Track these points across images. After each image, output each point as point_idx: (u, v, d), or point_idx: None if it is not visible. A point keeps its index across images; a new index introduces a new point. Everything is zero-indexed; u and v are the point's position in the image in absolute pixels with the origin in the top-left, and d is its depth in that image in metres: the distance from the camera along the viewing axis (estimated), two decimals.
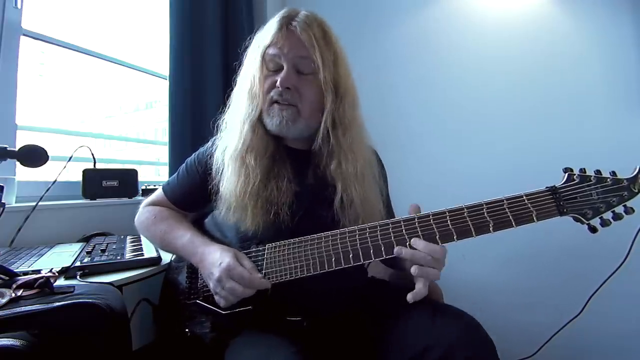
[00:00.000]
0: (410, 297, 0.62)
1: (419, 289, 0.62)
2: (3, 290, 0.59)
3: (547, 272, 1.42)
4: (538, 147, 1.44)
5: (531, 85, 1.46)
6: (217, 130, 0.84)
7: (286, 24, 0.74)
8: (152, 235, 0.86)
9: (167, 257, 0.89)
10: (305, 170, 0.78)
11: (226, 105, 0.84)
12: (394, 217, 0.88)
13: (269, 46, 0.74)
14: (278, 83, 0.72)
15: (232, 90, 0.84)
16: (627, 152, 1.27)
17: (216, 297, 0.69)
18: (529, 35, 1.46)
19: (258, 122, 0.76)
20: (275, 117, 0.74)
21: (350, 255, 0.65)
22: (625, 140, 1.31)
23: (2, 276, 0.63)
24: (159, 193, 0.91)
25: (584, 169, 0.62)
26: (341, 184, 0.75)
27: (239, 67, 0.83)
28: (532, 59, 1.45)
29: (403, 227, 0.64)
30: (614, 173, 0.61)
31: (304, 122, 0.75)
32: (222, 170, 0.78)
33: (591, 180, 0.61)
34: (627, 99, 1.32)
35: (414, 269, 0.61)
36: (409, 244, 0.63)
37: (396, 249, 0.63)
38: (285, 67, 0.73)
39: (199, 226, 0.86)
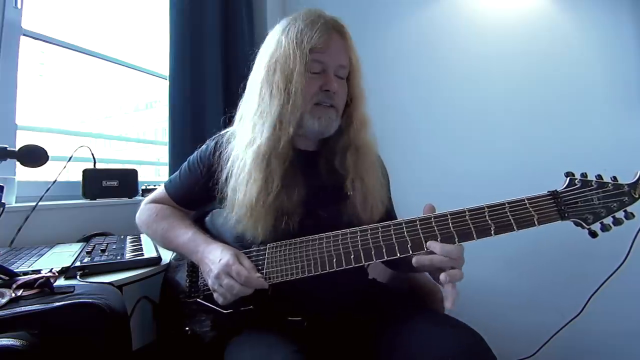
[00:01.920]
0: (449, 305, 0.59)
1: (450, 291, 0.59)
2: (3, 290, 0.59)
3: (547, 272, 1.42)
4: (538, 146, 1.44)
5: (531, 85, 1.46)
6: (231, 123, 0.83)
7: (332, 28, 0.75)
8: (153, 233, 0.86)
9: (167, 257, 0.89)
10: (314, 170, 0.79)
11: (238, 103, 0.82)
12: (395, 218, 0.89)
13: (316, 50, 0.73)
14: (330, 88, 0.74)
15: (243, 88, 0.82)
16: (627, 152, 1.27)
17: (215, 295, 0.69)
18: (529, 34, 1.46)
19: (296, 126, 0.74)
20: (323, 118, 0.75)
21: (352, 256, 0.65)
22: (625, 139, 1.31)
23: (2, 276, 0.63)
24: (160, 191, 0.90)
25: (585, 173, 0.62)
26: (355, 170, 0.77)
27: (252, 54, 0.81)
28: (532, 58, 1.45)
29: (405, 229, 0.64)
30: (614, 178, 0.61)
31: (339, 121, 0.78)
32: (233, 175, 0.74)
33: (592, 185, 0.60)
34: (627, 99, 1.32)
35: (443, 277, 0.59)
36: (426, 247, 0.62)
37: (414, 259, 0.62)
38: (331, 73, 0.75)
39: (200, 224, 0.86)
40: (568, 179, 0.62)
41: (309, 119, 0.75)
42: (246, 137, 0.75)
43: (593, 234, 0.60)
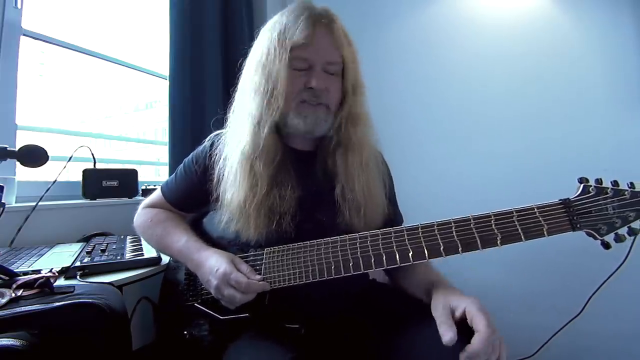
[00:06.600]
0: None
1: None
2: (3, 290, 0.59)
3: (546, 272, 1.42)
4: (537, 146, 1.43)
5: (531, 85, 1.46)
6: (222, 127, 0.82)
7: (317, 21, 0.71)
8: (149, 238, 0.86)
9: (167, 257, 0.89)
10: (310, 171, 0.76)
11: (229, 103, 0.81)
12: (400, 218, 0.87)
13: (298, 46, 0.70)
14: (314, 85, 0.70)
15: (236, 88, 0.80)
16: (628, 153, 1.27)
17: (222, 303, 0.68)
18: (529, 34, 1.46)
19: (274, 126, 0.73)
20: (309, 117, 0.72)
21: (351, 264, 0.63)
22: (626, 140, 1.31)
23: (2, 276, 0.63)
24: (157, 194, 0.89)
25: (600, 179, 0.57)
26: (344, 174, 0.74)
27: (242, 62, 0.79)
28: (532, 58, 1.45)
29: (406, 237, 0.62)
30: (631, 185, 0.56)
31: (331, 119, 0.75)
32: (224, 175, 0.75)
33: (608, 193, 0.56)
34: (627, 99, 1.32)
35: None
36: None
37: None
38: (317, 69, 0.71)
39: (197, 226, 0.85)
40: (582, 185, 0.57)
41: (293, 117, 0.72)
42: (234, 138, 0.76)
43: (606, 246, 0.56)
